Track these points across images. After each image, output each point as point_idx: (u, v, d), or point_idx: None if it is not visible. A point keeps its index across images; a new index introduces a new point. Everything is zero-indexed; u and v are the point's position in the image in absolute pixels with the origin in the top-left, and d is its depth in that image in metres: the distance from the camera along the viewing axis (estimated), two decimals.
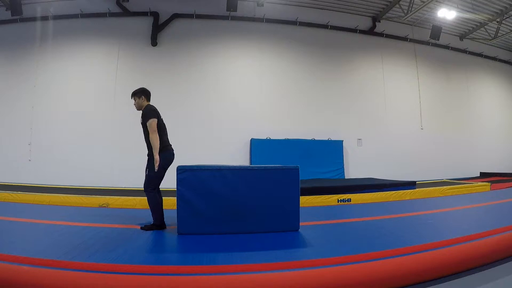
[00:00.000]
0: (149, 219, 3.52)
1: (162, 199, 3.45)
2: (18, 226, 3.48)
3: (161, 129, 3.50)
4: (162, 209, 3.40)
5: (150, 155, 3.41)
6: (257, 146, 9.04)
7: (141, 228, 3.31)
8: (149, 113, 3.44)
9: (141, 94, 3.59)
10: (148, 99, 3.64)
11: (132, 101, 3.63)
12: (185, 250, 2.73)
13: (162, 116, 3.60)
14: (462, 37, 11.94)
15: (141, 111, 3.56)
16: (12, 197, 5.60)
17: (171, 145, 3.56)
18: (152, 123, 3.38)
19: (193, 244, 2.80)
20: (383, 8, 10.24)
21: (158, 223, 3.34)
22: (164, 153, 3.40)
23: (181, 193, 3.12)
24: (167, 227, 3.36)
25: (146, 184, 3.40)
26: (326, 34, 10.27)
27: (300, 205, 3.33)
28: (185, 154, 5.95)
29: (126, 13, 9.00)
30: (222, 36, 9.54)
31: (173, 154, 3.52)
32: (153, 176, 3.37)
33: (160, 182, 3.45)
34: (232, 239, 2.94)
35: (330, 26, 10.21)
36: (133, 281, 1.86)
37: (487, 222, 3.74)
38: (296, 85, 9.94)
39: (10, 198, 5.57)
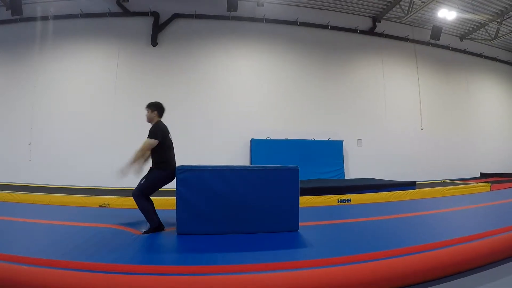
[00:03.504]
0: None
1: (152, 202, 3.40)
2: (18, 226, 3.47)
3: (167, 147, 3.44)
4: (155, 212, 3.33)
5: (153, 168, 3.38)
6: (257, 146, 9.04)
7: (143, 233, 3.25)
8: (154, 132, 3.37)
9: (155, 108, 3.54)
10: (160, 116, 3.58)
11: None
12: (185, 250, 2.73)
13: (164, 117, 3.60)
14: (462, 37, 11.95)
15: (150, 124, 3.50)
16: (12, 197, 5.60)
17: (175, 165, 3.38)
18: (150, 142, 3.32)
19: (192, 244, 2.80)
20: (384, 9, 10.24)
21: (156, 225, 3.27)
22: (164, 171, 3.35)
23: (180, 193, 3.12)
24: (166, 228, 3.36)
25: (136, 189, 3.33)
26: (326, 34, 10.27)
27: (300, 206, 3.33)
28: (185, 154, 5.94)
29: (126, 13, 9.00)
30: (222, 36, 9.54)
31: (173, 176, 3.32)
32: (147, 186, 3.32)
33: (151, 193, 3.40)
34: (232, 239, 2.94)
35: (330, 26, 10.21)
36: (133, 281, 1.86)
37: (487, 222, 3.74)
38: (296, 85, 9.94)
39: (10, 198, 5.57)
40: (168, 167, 3.39)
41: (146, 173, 3.41)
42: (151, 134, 3.37)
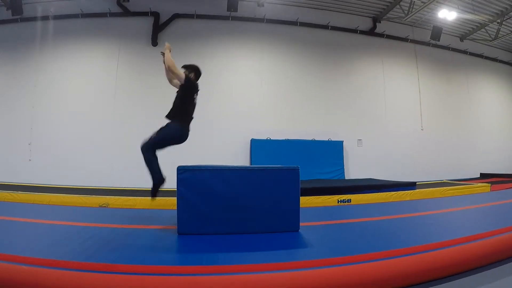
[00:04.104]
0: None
1: (157, 158, 3.44)
2: (18, 226, 3.47)
3: (189, 103, 3.57)
4: (159, 166, 3.41)
5: (169, 122, 3.46)
6: (257, 146, 9.04)
7: (152, 198, 3.40)
8: (188, 76, 3.54)
9: (192, 70, 3.68)
10: (196, 79, 3.73)
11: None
12: (185, 250, 2.73)
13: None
14: (462, 38, 11.95)
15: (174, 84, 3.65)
16: (12, 197, 5.59)
17: (189, 128, 3.56)
18: (180, 72, 3.49)
19: (193, 244, 2.79)
20: (384, 9, 10.25)
21: (158, 181, 3.37)
22: (178, 125, 3.45)
23: (181, 193, 3.11)
24: (167, 227, 3.36)
25: (145, 143, 3.38)
26: (326, 34, 10.28)
27: (300, 206, 3.32)
28: (185, 154, 5.94)
29: (126, 13, 9.01)
30: (223, 36, 9.54)
31: (186, 134, 3.52)
32: (157, 139, 3.38)
33: (159, 149, 3.45)
34: (232, 239, 2.93)
35: (331, 26, 10.22)
36: (133, 281, 1.86)
37: (487, 223, 3.73)
38: (296, 85, 9.95)
39: (10, 198, 5.56)
40: (183, 122, 3.49)
41: (160, 127, 3.46)
42: (186, 76, 3.51)
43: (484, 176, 11.07)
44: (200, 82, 3.71)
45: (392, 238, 3.03)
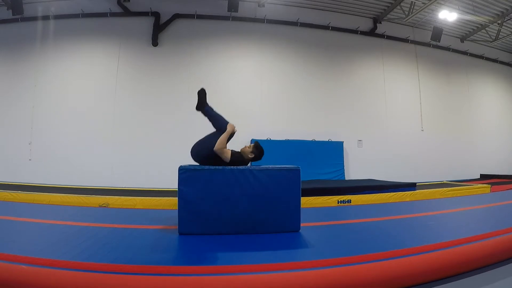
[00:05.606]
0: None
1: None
2: (18, 225, 3.47)
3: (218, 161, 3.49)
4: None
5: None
6: None
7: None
8: (236, 158, 3.51)
9: (256, 151, 3.63)
10: (253, 160, 3.64)
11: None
12: (186, 250, 2.72)
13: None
14: (463, 39, 11.95)
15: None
16: (12, 197, 5.59)
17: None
18: (224, 149, 3.60)
19: (193, 244, 2.79)
20: (384, 10, 10.25)
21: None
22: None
23: (182, 193, 3.12)
24: (168, 227, 3.36)
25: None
26: (327, 35, 10.27)
27: (301, 206, 3.32)
28: (186, 155, 5.90)
29: (127, 13, 9.00)
30: (223, 37, 9.54)
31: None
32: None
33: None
34: (233, 240, 2.93)
35: (331, 27, 10.21)
36: (133, 281, 1.86)
37: (487, 224, 3.74)
38: (296, 86, 9.94)
39: (10, 198, 5.56)
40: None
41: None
42: (233, 155, 3.55)
43: (484, 177, 11.06)
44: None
45: (392, 239, 3.03)
